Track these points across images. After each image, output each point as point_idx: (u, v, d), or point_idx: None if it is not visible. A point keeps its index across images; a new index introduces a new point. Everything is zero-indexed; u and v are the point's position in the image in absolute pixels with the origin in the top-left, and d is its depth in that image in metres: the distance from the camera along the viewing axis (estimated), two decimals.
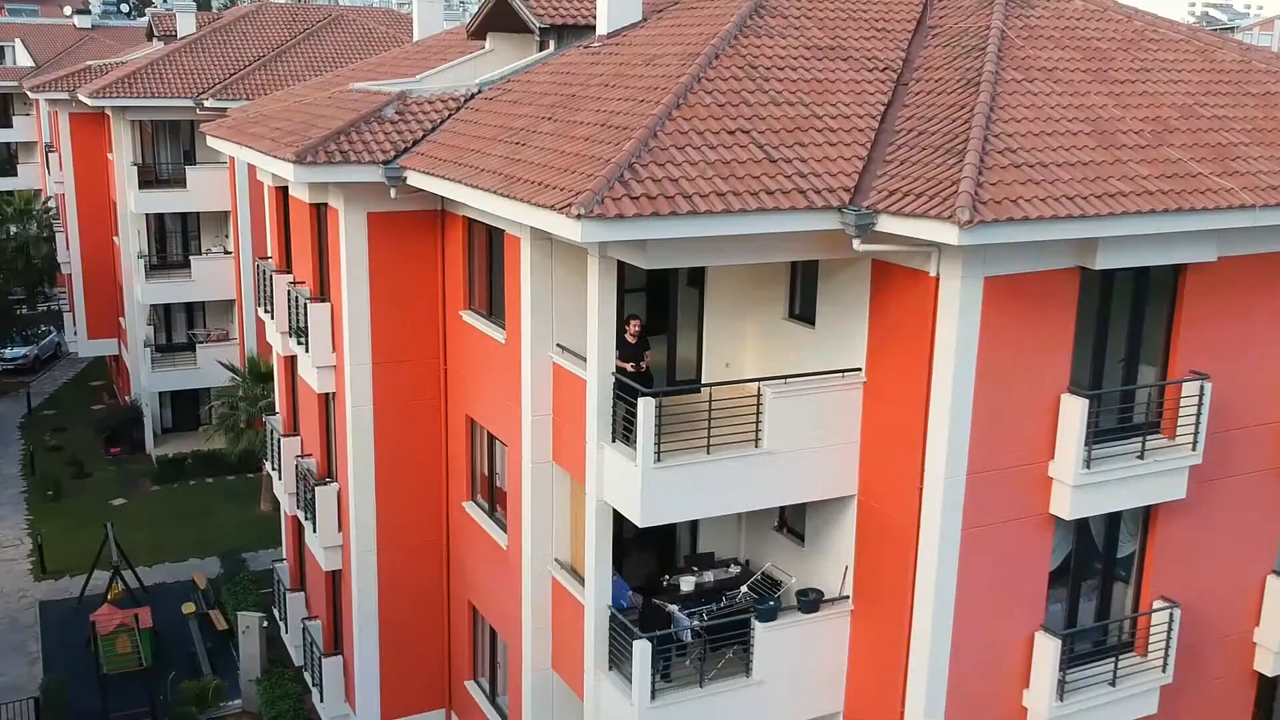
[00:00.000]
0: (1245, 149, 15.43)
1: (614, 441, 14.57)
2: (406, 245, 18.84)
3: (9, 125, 76.78)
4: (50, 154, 49.68)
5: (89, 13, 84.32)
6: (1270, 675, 17.60)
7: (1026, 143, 13.93)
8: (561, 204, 12.68)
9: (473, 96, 19.26)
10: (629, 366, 15.07)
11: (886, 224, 13.12)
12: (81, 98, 40.53)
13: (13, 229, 59.53)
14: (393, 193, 17.62)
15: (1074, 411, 14.32)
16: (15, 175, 76.91)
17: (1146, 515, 16.07)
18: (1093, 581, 16.28)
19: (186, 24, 45.57)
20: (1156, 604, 16.10)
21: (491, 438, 18.33)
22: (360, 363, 18.99)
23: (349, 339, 18.88)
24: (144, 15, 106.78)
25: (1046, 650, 15.15)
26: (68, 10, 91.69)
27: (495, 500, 18.62)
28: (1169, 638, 15.98)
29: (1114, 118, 15.25)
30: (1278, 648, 17.24)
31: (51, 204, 65.38)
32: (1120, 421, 15.23)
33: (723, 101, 14.73)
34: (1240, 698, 17.70)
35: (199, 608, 30.25)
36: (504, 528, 17.90)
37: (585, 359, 14.95)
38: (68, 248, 47.37)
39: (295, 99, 24.12)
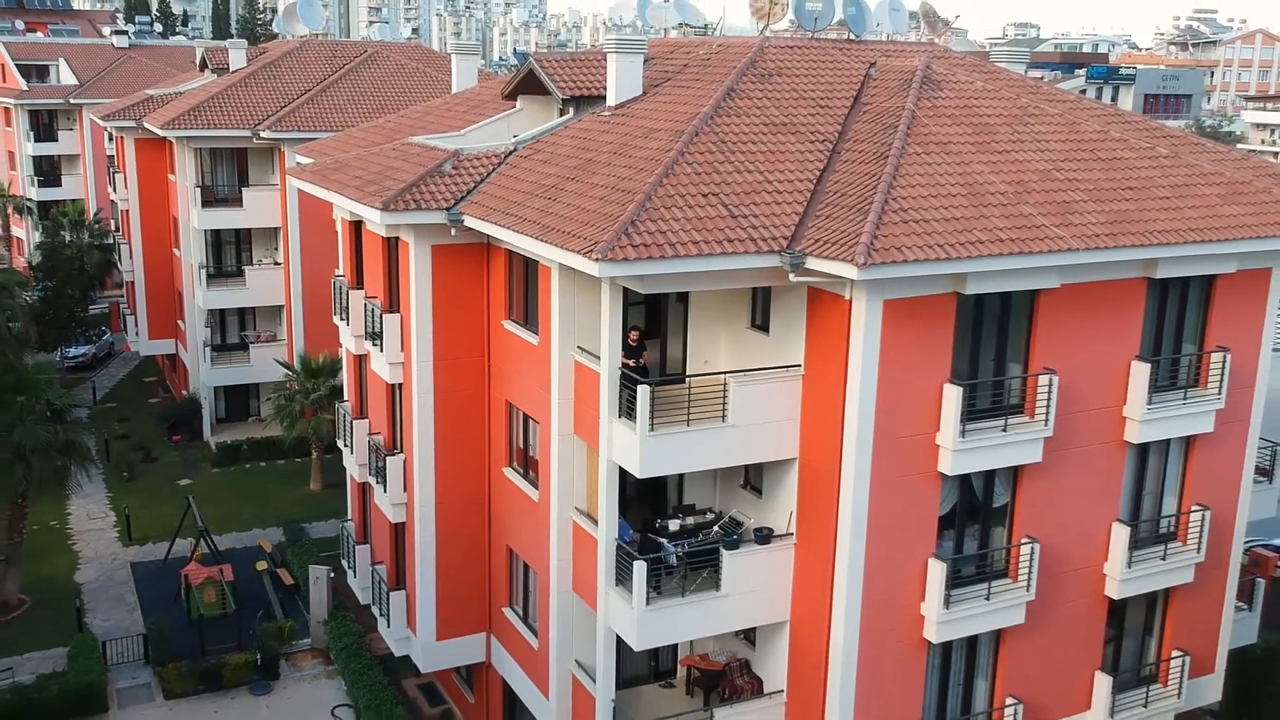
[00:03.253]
0: (1083, 205, 21.01)
1: (620, 417, 20.13)
2: (460, 270, 24.42)
3: (54, 139, 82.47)
4: (115, 174, 55.07)
5: (126, 33, 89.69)
6: (1117, 599, 23.18)
7: (915, 204, 19.50)
8: (584, 249, 18.28)
9: (510, 153, 24.82)
10: (631, 363, 20.63)
11: (813, 264, 18.69)
12: (153, 128, 46.14)
13: (68, 237, 64.95)
14: (453, 231, 23.23)
15: (952, 396, 19.90)
16: (60, 186, 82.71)
17: (1015, 475, 21.63)
18: (976, 525, 21.86)
19: (238, 59, 51.13)
20: (1023, 540, 21.67)
21: (526, 417, 23.92)
22: (424, 360, 24.58)
23: (415, 341, 24.47)
24: (176, 35, 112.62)
25: (936, 572, 20.72)
26: (106, 30, 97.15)
27: (528, 465, 24.21)
28: (1031, 566, 21.55)
29: (986, 181, 20.83)
30: (1120, 577, 22.82)
31: (102, 214, 71.16)
32: (993, 404, 20.83)
33: (700, 171, 20.32)
34: (1095, 615, 23.28)
35: (270, 566, 35.84)
36: (535, 485, 23.51)
37: (599, 357, 20.54)
38: (130, 258, 53.01)
39: (363, 146, 29.74)
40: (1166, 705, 24.47)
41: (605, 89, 25.44)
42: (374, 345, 26.27)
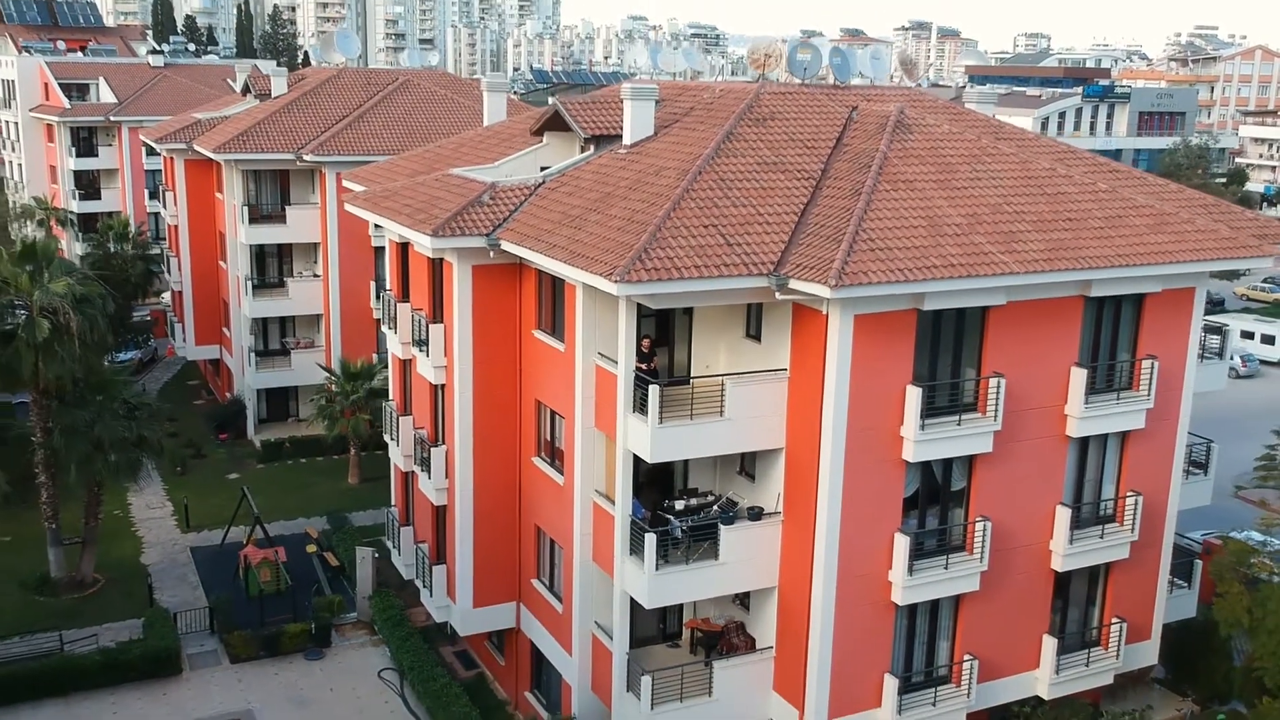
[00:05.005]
0: (1027, 234, 24.83)
1: (634, 412, 23.97)
2: (496, 286, 28.30)
3: (94, 155, 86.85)
4: (165, 192, 59.10)
5: (162, 53, 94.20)
6: (1061, 571, 26.95)
7: (881, 234, 23.33)
8: (606, 272, 22.17)
9: (540, 185, 28.71)
10: (643, 366, 24.47)
11: (795, 284, 22.53)
12: (205, 151, 50.20)
13: (113, 248, 69.04)
14: (491, 254, 27.14)
15: (914, 395, 23.73)
16: (99, 199, 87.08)
17: (970, 463, 25.42)
18: (937, 505, 25.66)
19: (279, 85, 55.18)
20: (977, 519, 25.44)
21: (553, 413, 27.79)
22: (465, 363, 28.46)
23: (458, 348, 28.36)
24: (208, 54, 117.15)
25: (902, 545, 24.53)
26: (141, 49, 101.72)
27: (554, 454, 28.06)
28: (985, 541, 25.34)
29: (944, 214, 24.66)
30: (1063, 552, 26.59)
31: (142, 227, 75.32)
32: (949, 402, 24.64)
33: (702, 205, 24.20)
34: (1042, 585, 27.05)
35: (318, 549, 39.77)
36: (560, 471, 27.37)
37: (616, 362, 24.39)
38: (179, 269, 57.07)
39: (407, 175, 33.67)
40: (1106, 665, 28.20)
41: (622, 129, 29.30)
42: (420, 351, 30.19)
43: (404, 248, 31.77)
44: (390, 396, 35.03)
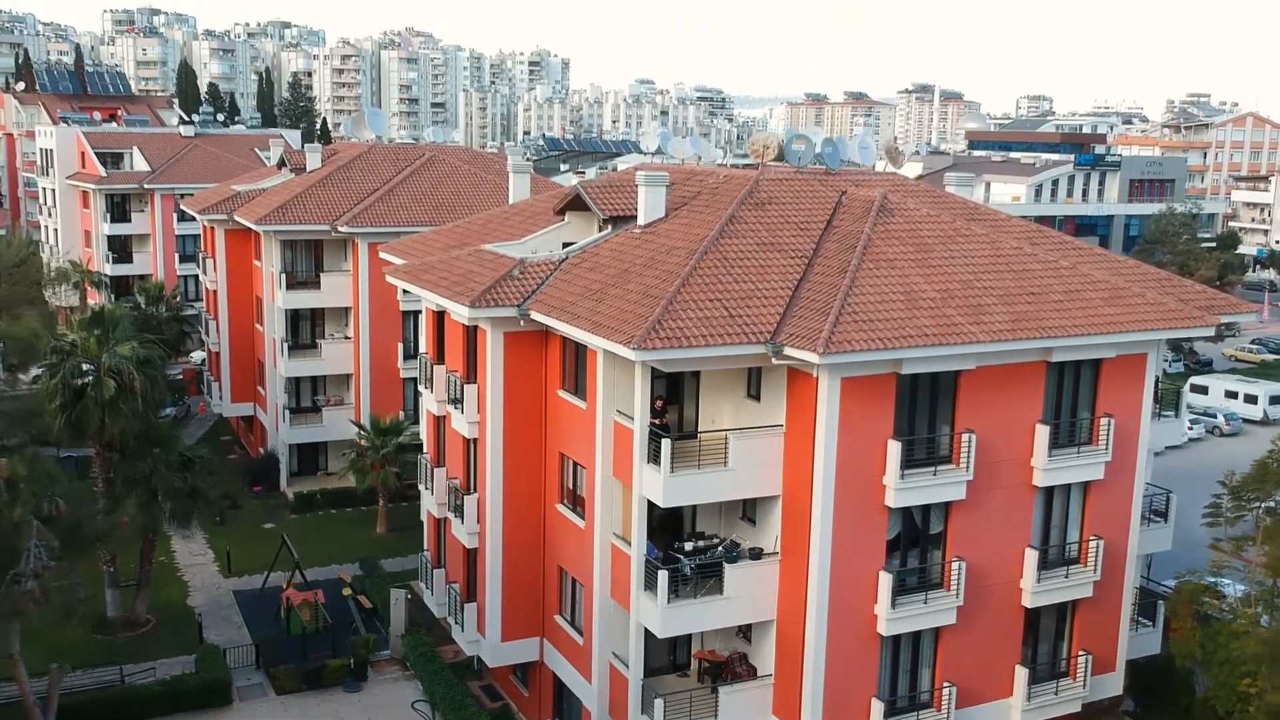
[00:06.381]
0: (993, 307, 28.25)
1: (649, 462, 27.28)
2: (525, 351, 31.75)
3: (127, 220, 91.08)
4: (205, 259, 62.91)
5: (192, 123, 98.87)
6: (1031, 607, 30.03)
7: (864, 308, 26.76)
8: (624, 341, 25.62)
9: (563, 261, 32.23)
10: (656, 422, 27.82)
11: (789, 351, 25.95)
12: (247, 222, 54.03)
13: (149, 310, 72.79)
14: (521, 322, 30.62)
15: (894, 449, 27.03)
16: (131, 262, 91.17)
17: (946, 509, 28.62)
18: (917, 547, 28.84)
19: (314, 160, 59.18)
20: (953, 559, 28.60)
21: (575, 463, 31.09)
22: (496, 420, 31.82)
23: (490, 405, 31.75)
24: (235, 124, 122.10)
25: (885, 582, 27.67)
26: (171, 119, 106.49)
27: (576, 501, 31.32)
28: (960, 579, 28.48)
29: (920, 289, 28.10)
30: (1033, 590, 29.68)
31: (176, 290, 79.17)
32: (926, 455, 27.91)
33: (708, 282, 27.68)
34: (1014, 620, 30.11)
35: (353, 592, 42.88)
36: (582, 516, 30.62)
37: (633, 418, 27.75)
38: (217, 331, 60.72)
39: (440, 248, 37.27)
40: (1074, 694, 31.16)
41: (636, 210, 32.90)
42: (454, 408, 33.59)
43: (440, 315, 35.26)
44: (424, 450, 38.37)
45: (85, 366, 38.33)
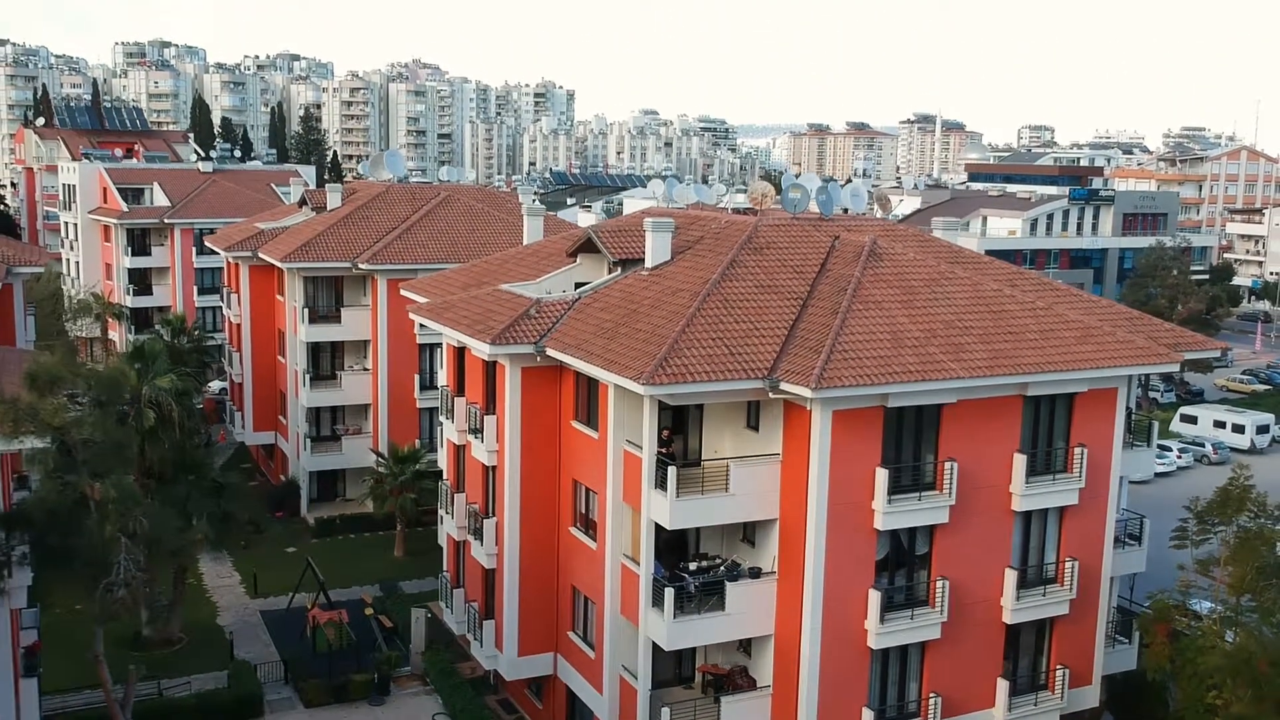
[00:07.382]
0: (973, 345, 30.69)
1: (656, 488, 29.67)
2: (541, 384, 34.20)
3: (147, 253, 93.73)
4: (230, 294, 65.50)
5: (210, 159, 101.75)
6: (1011, 624, 32.30)
7: (853, 346, 29.21)
8: (634, 376, 28.09)
9: (576, 300, 34.71)
10: (663, 450, 30.22)
11: (785, 386, 28.39)
12: (272, 260, 56.63)
13: (173, 342, 75.17)
14: (537, 358, 33.10)
15: (882, 476, 29.43)
16: (151, 294, 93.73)
17: (931, 531, 30.96)
18: (904, 567, 31.16)
19: (334, 199, 61.87)
20: (938, 578, 30.90)
21: (587, 489, 33.48)
22: (514, 448, 34.24)
23: (508, 435, 34.17)
24: (251, 159, 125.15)
25: (875, 599, 29.99)
26: (187, 153, 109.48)
27: (588, 525, 33.68)
28: (944, 597, 30.78)
29: (905, 329, 30.55)
30: (1012, 608, 31.97)
31: (196, 322, 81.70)
32: (912, 481, 30.29)
33: (710, 322, 30.16)
34: (995, 635, 32.38)
35: (375, 612, 45.14)
36: (594, 538, 32.99)
37: (641, 447, 30.17)
38: (240, 363, 63.25)
39: (459, 286, 39.79)
40: (1052, 706, 33.39)
41: (644, 253, 35.40)
42: (474, 437, 36.02)
43: (460, 350, 37.75)
44: (443, 476, 40.77)
45: (127, 397, 40.80)
